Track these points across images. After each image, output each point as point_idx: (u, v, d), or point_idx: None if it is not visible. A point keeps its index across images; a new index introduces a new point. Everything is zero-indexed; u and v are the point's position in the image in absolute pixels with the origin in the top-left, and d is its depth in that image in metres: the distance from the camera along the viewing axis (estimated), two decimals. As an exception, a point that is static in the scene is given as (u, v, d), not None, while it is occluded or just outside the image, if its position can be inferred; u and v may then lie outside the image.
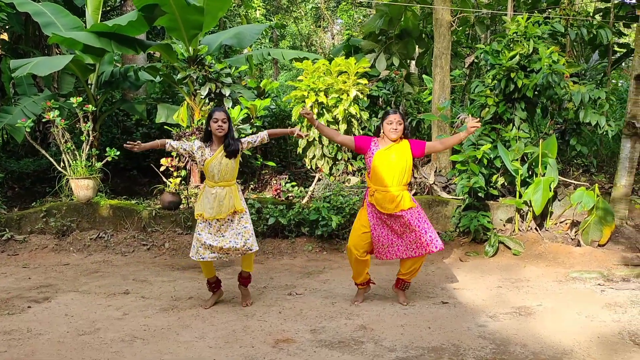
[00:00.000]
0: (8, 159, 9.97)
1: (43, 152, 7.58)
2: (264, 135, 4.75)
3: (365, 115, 8.19)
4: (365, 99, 8.35)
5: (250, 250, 4.59)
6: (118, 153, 7.29)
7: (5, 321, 4.46)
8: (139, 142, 4.51)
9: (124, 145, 4.55)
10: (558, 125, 8.04)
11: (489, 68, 7.35)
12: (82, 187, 7.17)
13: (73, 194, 7.34)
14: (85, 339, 4.07)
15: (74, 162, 7.27)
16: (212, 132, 4.53)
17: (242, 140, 4.70)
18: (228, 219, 4.58)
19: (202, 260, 4.59)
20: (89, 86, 8.30)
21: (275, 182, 8.35)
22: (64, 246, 6.93)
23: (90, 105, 7.42)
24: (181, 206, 7.36)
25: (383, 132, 4.69)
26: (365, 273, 4.86)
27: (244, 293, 4.90)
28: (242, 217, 4.62)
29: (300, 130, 4.82)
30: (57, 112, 7.14)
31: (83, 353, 3.81)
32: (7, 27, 10.08)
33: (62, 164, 7.40)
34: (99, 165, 7.38)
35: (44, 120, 7.43)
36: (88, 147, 7.37)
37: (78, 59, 7.81)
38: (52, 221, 7.08)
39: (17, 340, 4.05)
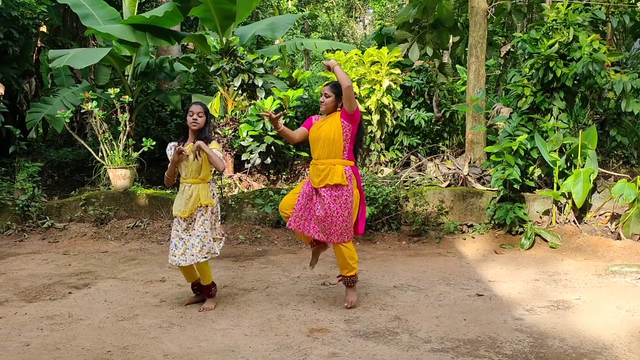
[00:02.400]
0: (47, 148, 10.25)
1: (82, 142, 7.76)
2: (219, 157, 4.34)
3: (398, 105, 8.12)
4: (399, 89, 8.28)
5: (206, 258, 4.32)
6: (154, 143, 7.42)
7: (48, 306, 4.59)
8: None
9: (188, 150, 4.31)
10: (597, 116, 7.83)
11: (526, 57, 7.19)
12: (119, 176, 7.32)
13: (111, 183, 7.50)
14: (124, 325, 4.16)
15: (112, 152, 7.42)
16: (188, 126, 4.38)
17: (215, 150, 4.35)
18: (193, 219, 4.35)
19: (173, 265, 4.40)
20: (126, 77, 8.45)
21: (307, 172, 8.37)
22: (102, 234, 7.10)
23: (127, 96, 7.55)
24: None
25: None
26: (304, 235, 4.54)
27: (205, 300, 4.60)
28: (206, 220, 4.35)
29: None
30: (95, 103, 7.29)
31: (122, 338, 3.90)
32: (46, 19, 10.33)
33: (100, 153, 7.57)
34: (135, 155, 7.52)
35: (82, 111, 7.60)
36: (125, 137, 7.51)
37: (115, 52, 7.95)
38: (91, 209, 7.26)
39: (59, 325, 4.17)
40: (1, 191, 7.43)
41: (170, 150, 4.45)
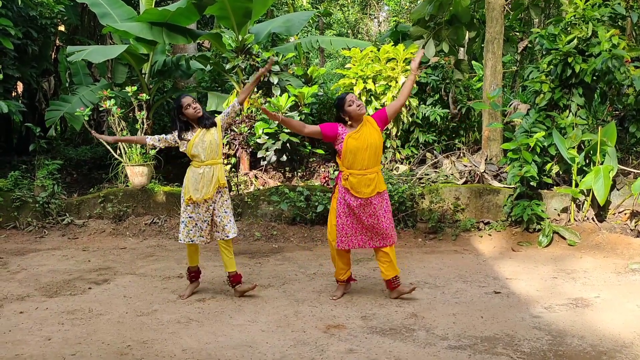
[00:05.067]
0: (66, 146, 10.39)
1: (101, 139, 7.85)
2: (234, 102, 4.69)
3: (414, 102, 8.09)
4: (414, 85, 8.23)
5: (227, 237, 4.60)
6: (171, 141, 7.47)
7: (68, 301, 4.67)
8: (113, 137, 4.72)
9: (93, 134, 4.86)
10: (616, 112, 7.72)
11: (544, 53, 7.11)
12: (137, 173, 7.40)
13: (128, 181, 7.59)
14: (143, 320, 4.21)
15: (129, 149, 7.50)
16: (188, 120, 4.54)
17: (220, 117, 4.73)
18: (214, 200, 4.60)
19: (190, 243, 4.62)
20: (143, 75, 8.52)
21: (323, 169, 8.38)
22: (121, 230, 7.19)
23: (144, 94, 7.63)
24: (231, 193, 7.49)
25: (348, 118, 4.40)
26: (348, 268, 4.67)
27: (240, 289, 4.76)
28: (225, 201, 4.65)
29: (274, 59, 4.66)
30: (113, 101, 7.38)
31: (142, 333, 3.96)
32: (64, 18, 10.46)
33: (117, 151, 7.66)
34: (153, 152, 7.59)
35: (100, 109, 7.70)
36: (142, 134, 7.58)
37: (132, 49, 8.02)
38: (109, 206, 7.35)
39: (80, 319, 4.24)
40: (22, 188, 7.55)
41: (168, 136, 4.65)
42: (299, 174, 8.34)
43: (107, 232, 7.17)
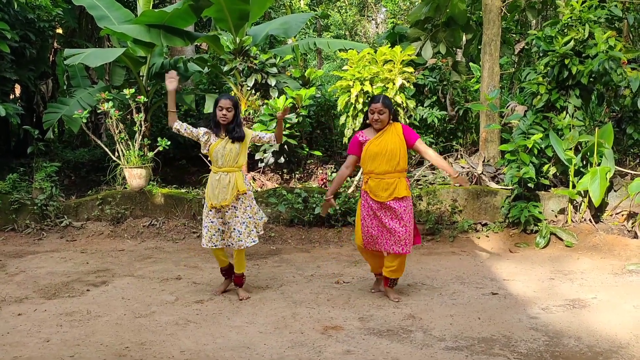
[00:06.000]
0: (64, 149, 10.39)
1: (99, 142, 7.87)
2: (271, 136, 4.72)
3: (411, 103, 8.10)
4: (412, 87, 8.25)
5: (254, 241, 4.62)
6: (169, 143, 7.49)
7: (67, 303, 4.67)
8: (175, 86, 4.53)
9: (167, 74, 4.54)
10: (613, 113, 7.76)
11: (541, 55, 7.14)
12: (135, 176, 7.40)
13: (126, 183, 7.59)
14: (141, 322, 4.22)
15: (127, 151, 7.51)
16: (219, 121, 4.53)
17: (254, 133, 4.72)
18: (233, 207, 4.57)
19: (214, 248, 4.63)
20: (141, 78, 8.53)
21: (321, 171, 8.40)
22: (119, 233, 7.19)
23: (142, 97, 7.63)
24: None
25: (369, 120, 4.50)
26: (382, 264, 4.70)
27: (239, 292, 4.81)
28: (247, 207, 4.62)
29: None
30: (111, 104, 7.38)
31: (140, 335, 3.96)
32: (62, 21, 10.47)
33: (115, 153, 7.66)
34: (151, 154, 7.60)
35: (98, 111, 7.71)
36: (140, 137, 7.59)
37: (130, 52, 8.03)
38: (107, 209, 7.35)
39: (78, 321, 4.24)
40: (20, 191, 7.56)
41: (194, 129, 4.62)
42: (297, 175, 8.36)
43: (105, 234, 7.18)
